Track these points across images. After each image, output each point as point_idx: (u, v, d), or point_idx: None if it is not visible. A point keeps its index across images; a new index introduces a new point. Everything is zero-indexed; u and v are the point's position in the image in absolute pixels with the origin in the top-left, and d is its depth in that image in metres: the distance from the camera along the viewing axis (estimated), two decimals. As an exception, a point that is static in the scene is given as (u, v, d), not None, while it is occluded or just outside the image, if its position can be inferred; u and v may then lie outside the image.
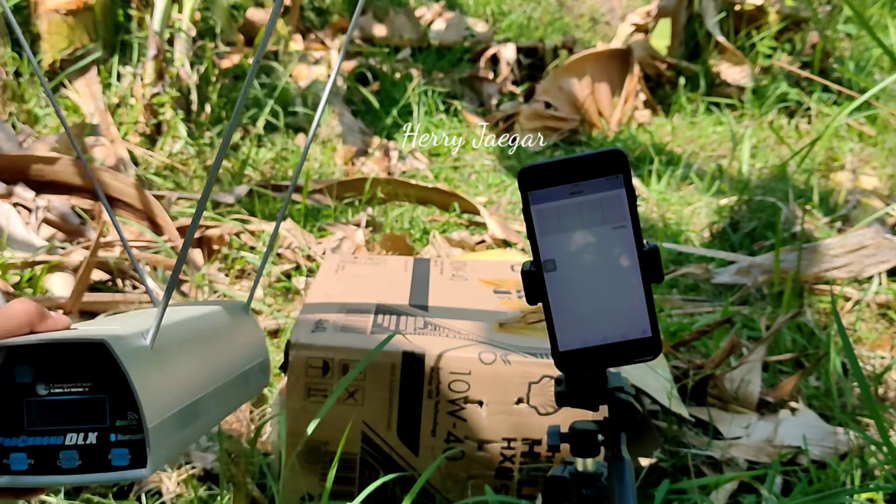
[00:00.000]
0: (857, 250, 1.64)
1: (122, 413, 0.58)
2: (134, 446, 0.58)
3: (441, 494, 1.05)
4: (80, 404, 0.59)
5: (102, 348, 0.56)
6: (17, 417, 0.59)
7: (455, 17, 2.84)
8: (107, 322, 0.65)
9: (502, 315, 1.14)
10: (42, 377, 0.59)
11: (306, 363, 1.02)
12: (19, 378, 0.59)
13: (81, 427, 0.59)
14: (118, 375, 0.57)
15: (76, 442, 0.59)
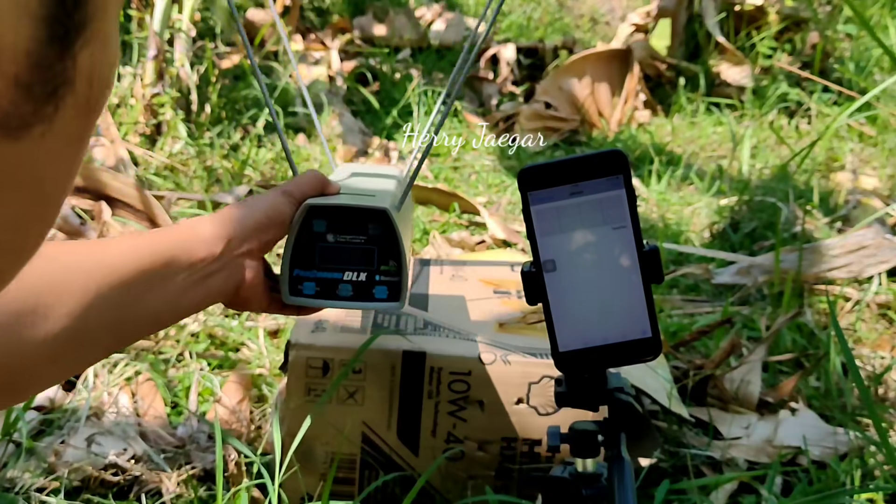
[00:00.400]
0: (857, 250, 1.64)
1: (385, 260, 0.79)
2: (392, 286, 0.79)
3: (441, 495, 1.05)
4: (356, 251, 0.79)
5: (381, 214, 0.77)
6: (311, 257, 0.78)
7: (455, 17, 2.84)
8: (361, 186, 0.84)
9: (503, 315, 1.14)
10: (332, 229, 0.78)
11: (306, 363, 1.02)
12: (316, 228, 0.78)
13: (356, 268, 0.79)
14: (387, 233, 0.78)
15: (351, 278, 0.79)
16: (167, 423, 1.18)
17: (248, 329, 1.38)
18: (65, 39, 0.30)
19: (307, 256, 0.78)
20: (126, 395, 1.20)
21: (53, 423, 1.14)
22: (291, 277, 0.79)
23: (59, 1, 0.30)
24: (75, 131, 0.33)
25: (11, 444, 1.09)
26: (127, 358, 1.26)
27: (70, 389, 1.20)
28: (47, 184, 0.33)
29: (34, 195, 0.33)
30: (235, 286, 0.75)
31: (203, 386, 1.24)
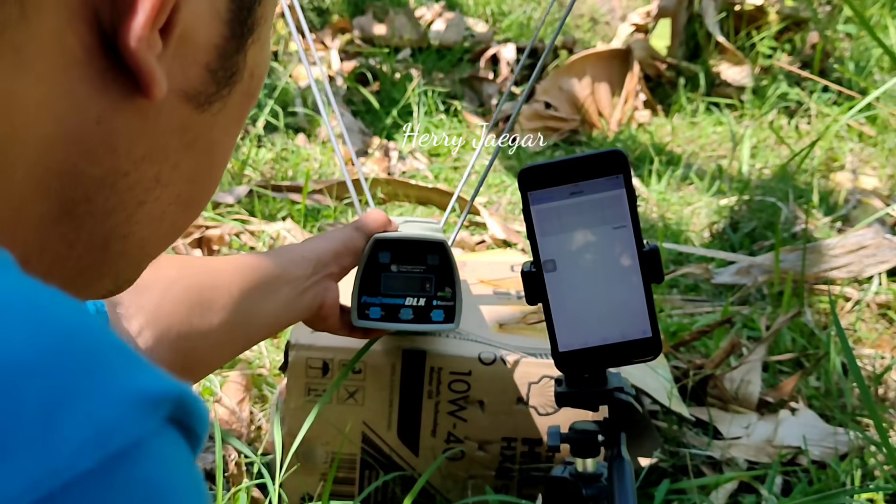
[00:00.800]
0: (857, 250, 1.64)
1: (441, 287, 0.89)
2: (447, 309, 0.89)
3: (441, 494, 1.05)
4: (416, 279, 0.89)
5: (439, 245, 0.88)
6: (377, 285, 0.89)
7: (455, 17, 2.84)
8: (416, 226, 0.95)
9: (503, 315, 1.14)
10: (395, 260, 0.89)
11: (306, 364, 1.02)
12: (381, 259, 0.89)
13: (415, 294, 0.89)
14: (444, 263, 0.88)
15: (412, 303, 0.89)
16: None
17: (248, 329, 1.38)
18: (241, 38, 0.40)
19: (373, 284, 0.89)
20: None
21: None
22: (359, 303, 0.89)
23: (238, 9, 0.39)
24: (238, 113, 0.43)
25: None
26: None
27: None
28: (216, 149, 0.43)
29: (208, 156, 0.43)
30: (319, 305, 0.87)
31: (203, 386, 1.24)
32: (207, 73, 0.39)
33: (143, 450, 0.27)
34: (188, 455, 0.30)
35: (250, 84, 0.43)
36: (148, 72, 0.36)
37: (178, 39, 0.37)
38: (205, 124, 0.41)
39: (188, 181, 0.42)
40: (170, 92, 0.38)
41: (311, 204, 1.83)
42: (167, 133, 0.40)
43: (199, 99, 0.40)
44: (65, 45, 0.35)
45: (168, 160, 0.40)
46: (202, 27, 0.38)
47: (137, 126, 0.38)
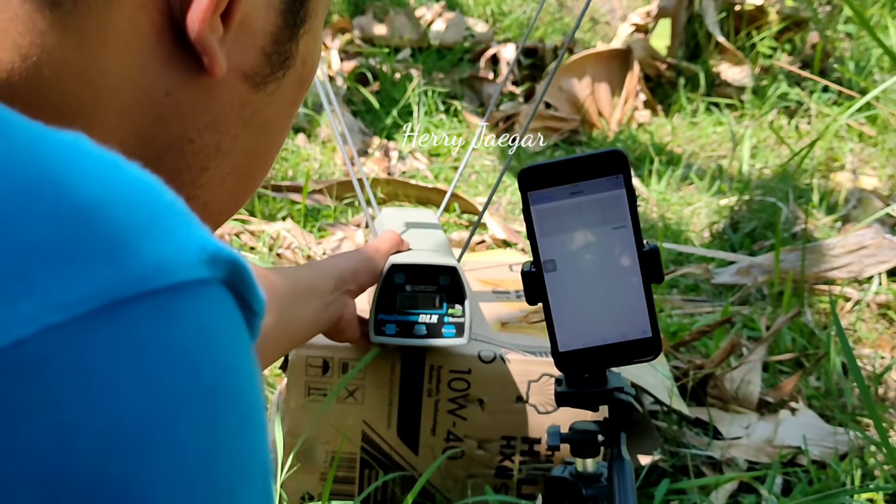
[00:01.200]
0: (857, 250, 1.64)
1: (452, 305, 0.95)
2: (458, 325, 0.95)
3: (441, 493, 1.05)
4: (428, 298, 0.95)
5: (452, 269, 0.94)
6: (392, 303, 0.95)
7: (455, 17, 2.84)
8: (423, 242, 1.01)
9: (502, 315, 1.14)
10: (409, 280, 0.95)
11: (306, 362, 1.02)
12: (396, 280, 0.95)
13: (428, 311, 0.95)
14: (454, 283, 0.94)
15: (425, 320, 0.95)
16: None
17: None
18: (293, 27, 0.45)
19: (389, 303, 0.95)
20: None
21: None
22: (376, 321, 0.95)
23: (291, 2, 0.45)
24: (292, 97, 0.48)
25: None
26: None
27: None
28: (272, 127, 0.48)
29: (264, 132, 0.48)
30: (338, 318, 0.94)
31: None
32: (263, 56, 0.45)
33: (201, 291, 0.31)
34: (240, 319, 0.33)
35: (303, 71, 0.48)
36: (210, 52, 0.41)
37: (237, 25, 0.42)
38: (261, 102, 0.46)
39: (246, 153, 0.47)
40: (229, 71, 0.43)
41: (311, 204, 1.83)
42: (227, 107, 0.45)
43: (255, 79, 0.45)
44: (140, 27, 0.40)
45: (228, 132, 0.45)
46: (259, 16, 0.43)
47: (201, 99, 0.43)
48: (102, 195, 0.30)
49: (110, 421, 0.28)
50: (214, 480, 0.31)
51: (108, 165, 0.32)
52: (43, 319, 0.27)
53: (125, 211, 0.30)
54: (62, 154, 0.31)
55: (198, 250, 0.31)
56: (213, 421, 0.31)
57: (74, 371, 0.28)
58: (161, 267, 0.30)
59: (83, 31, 0.39)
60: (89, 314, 0.28)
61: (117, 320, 0.29)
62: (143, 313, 0.29)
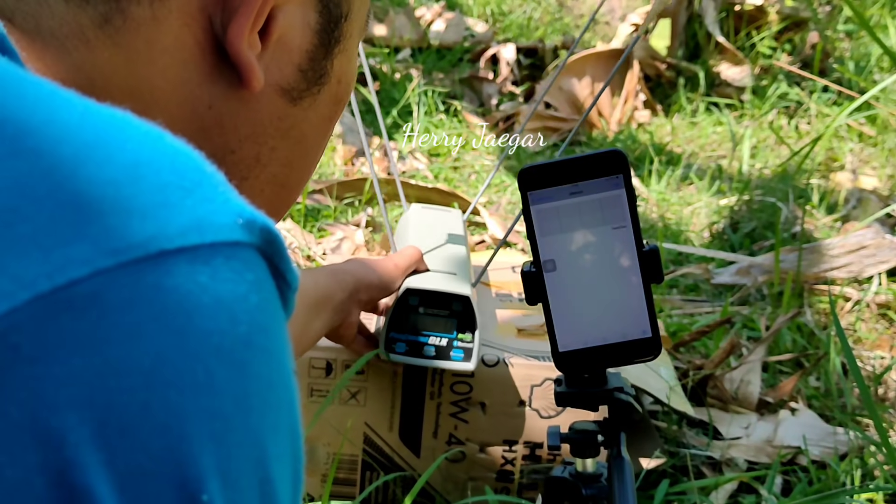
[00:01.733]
0: (857, 250, 1.64)
1: (462, 330, 0.96)
2: (466, 351, 0.96)
3: (441, 496, 1.05)
4: (440, 321, 0.96)
5: (464, 298, 0.95)
6: (405, 323, 0.97)
7: (455, 17, 2.84)
8: (444, 261, 1.02)
9: (514, 319, 1.14)
10: (423, 303, 0.96)
11: (309, 364, 1.02)
12: (410, 301, 0.97)
13: (438, 335, 0.96)
14: (466, 311, 0.96)
15: (434, 343, 0.96)
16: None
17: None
18: (328, 46, 0.48)
19: (401, 322, 0.96)
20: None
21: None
22: (388, 337, 0.96)
23: (326, 23, 0.47)
24: (328, 113, 0.50)
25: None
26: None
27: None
28: (308, 141, 0.50)
29: (300, 145, 0.50)
30: (341, 322, 0.96)
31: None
32: (300, 72, 0.47)
33: (237, 252, 0.32)
34: (273, 287, 0.34)
35: (338, 89, 0.50)
36: (248, 67, 0.44)
37: (275, 42, 0.45)
38: (297, 116, 0.48)
39: (283, 164, 0.50)
40: (267, 85, 0.45)
41: (311, 204, 1.83)
42: (266, 120, 0.47)
43: (292, 93, 0.47)
44: (185, 43, 0.43)
45: (266, 143, 0.48)
46: (296, 34, 0.46)
47: (241, 112, 0.46)
48: (149, 159, 0.33)
49: (153, 360, 0.30)
50: (247, 428, 0.32)
51: (155, 135, 0.34)
52: (96, 263, 0.30)
53: (170, 173, 0.33)
54: (114, 123, 0.34)
55: (234, 215, 0.33)
56: (247, 372, 0.32)
57: (123, 311, 0.30)
58: (200, 225, 0.32)
59: (132, 46, 0.42)
60: (136, 260, 0.30)
61: (161, 269, 0.31)
62: (183, 265, 0.31)
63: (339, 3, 0.48)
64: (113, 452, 0.29)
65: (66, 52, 0.41)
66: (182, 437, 0.30)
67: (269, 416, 0.33)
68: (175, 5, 0.42)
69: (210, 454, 0.31)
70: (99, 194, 0.31)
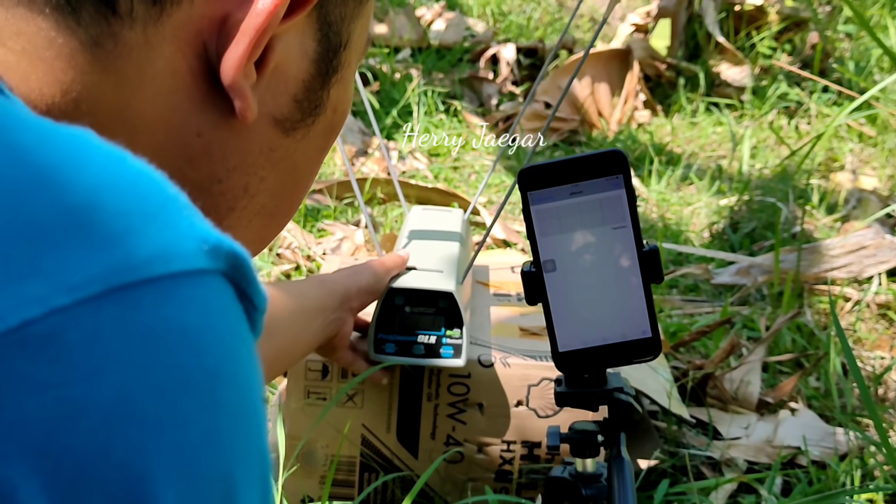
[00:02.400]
0: (857, 250, 1.64)
1: (450, 327, 0.96)
2: (456, 347, 0.96)
3: (440, 497, 1.05)
4: (427, 319, 0.96)
5: (447, 294, 0.95)
6: (392, 323, 0.96)
7: (455, 17, 2.84)
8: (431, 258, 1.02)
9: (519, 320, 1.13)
10: (409, 303, 0.96)
11: (305, 366, 1.02)
12: (396, 301, 0.96)
13: (427, 332, 0.96)
14: (452, 307, 0.95)
15: (423, 341, 0.96)
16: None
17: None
18: (325, 76, 0.46)
19: (389, 323, 0.96)
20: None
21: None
22: (376, 339, 0.96)
23: (324, 52, 0.45)
24: (321, 143, 0.49)
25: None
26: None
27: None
28: (299, 171, 0.49)
29: (291, 175, 0.48)
30: (334, 335, 0.95)
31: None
32: (294, 103, 0.45)
33: (202, 280, 0.32)
34: (240, 312, 0.34)
35: (333, 119, 0.49)
36: (242, 97, 0.42)
37: (270, 72, 0.43)
38: (290, 147, 0.47)
39: (273, 195, 0.48)
40: (260, 115, 0.44)
41: (311, 204, 1.83)
42: (256, 150, 0.45)
43: (285, 124, 0.45)
44: (177, 69, 0.41)
45: (256, 174, 0.46)
46: (293, 63, 0.44)
47: (231, 141, 0.44)
48: (110, 183, 0.31)
49: (115, 397, 0.29)
50: (215, 460, 0.31)
51: (116, 157, 0.33)
52: (52, 301, 0.28)
53: (131, 199, 0.31)
54: (72, 145, 0.32)
55: (199, 241, 0.32)
56: (215, 402, 0.31)
57: (82, 350, 0.29)
58: (164, 254, 0.31)
59: (122, 71, 0.40)
60: (96, 297, 0.29)
61: (122, 303, 0.29)
62: (147, 297, 0.30)
63: (338, 32, 0.46)
64: (66, 502, 0.28)
65: (52, 74, 0.39)
66: (144, 476, 0.29)
67: (238, 445, 0.33)
68: (169, 30, 0.40)
69: (174, 492, 0.30)
70: (56, 223, 0.30)
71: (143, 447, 0.29)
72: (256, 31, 0.40)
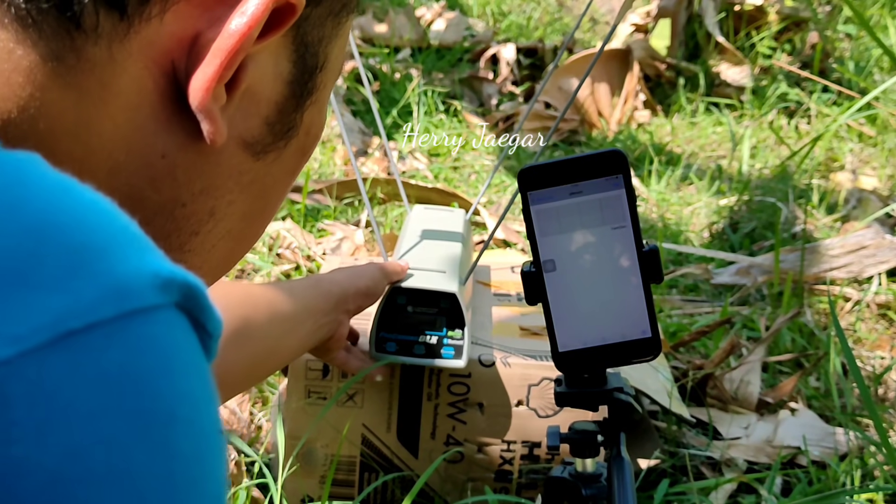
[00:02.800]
0: (857, 250, 1.64)
1: (452, 327, 0.96)
2: (457, 348, 0.96)
3: (440, 497, 1.05)
4: (429, 320, 0.96)
5: (450, 295, 0.95)
6: (394, 322, 0.96)
7: (455, 17, 2.84)
8: (435, 260, 1.01)
9: (518, 319, 1.13)
10: (411, 302, 0.96)
11: (306, 365, 1.02)
12: (398, 301, 0.96)
13: (428, 333, 0.96)
14: (454, 308, 0.95)
15: (425, 341, 0.96)
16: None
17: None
18: (300, 98, 0.44)
19: (391, 322, 0.96)
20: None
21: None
22: (378, 338, 0.96)
23: (300, 73, 0.43)
24: (292, 166, 0.47)
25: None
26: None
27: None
28: (269, 194, 0.47)
29: (261, 199, 0.47)
30: (329, 337, 0.92)
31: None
32: (266, 125, 0.44)
33: (155, 317, 0.30)
34: (195, 343, 0.33)
35: (305, 141, 0.47)
36: (211, 120, 0.40)
37: (242, 93, 0.41)
38: (260, 171, 0.45)
39: (240, 219, 0.46)
40: (230, 138, 0.42)
41: (311, 204, 1.83)
42: (224, 173, 0.44)
43: (255, 147, 0.44)
44: (143, 87, 0.39)
45: (223, 197, 0.44)
46: (266, 85, 0.42)
47: (198, 164, 0.42)
48: (55, 219, 0.30)
49: (61, 454, 0.27)
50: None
51: (62, 188, 0.31)
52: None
53: (77, 235, 0.30)
54: (13, 178, 0.30)
55: (151, 276, 0.30)
56: (170, 449, 0.30)
57: (26, 405, 0.27)
58: (114, 294, 0.29)
59: (83, 87, 0.38)
60: (42, 346, 0.27)
61: (70, 351, 0.28)
62: (96, 343, 0.28)
63: (315, 53, 0.44)
64: None
65: (9, 88, 0.37)
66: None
67: (195, 490, 0.31)
68: (136, 48, 0.38)
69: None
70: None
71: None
72: (228, 52, 0.38)
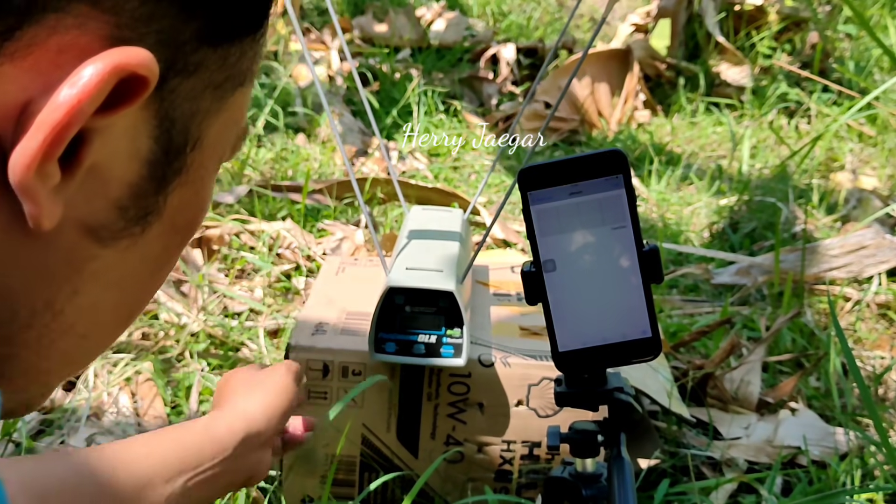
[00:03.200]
0: (857, 250, 1.64)
1: (451, 326, 0.96)
2: (456, 347, 0.96)
3: (440, 497, 1.05)
4: (428, 318, 0.96)
5: (448, 294, 0.94)
6: (393, 322, 0.96)
7: (455, 17, 2.84)
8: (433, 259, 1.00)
9: (520, 319, 1.13)
10: (409, 302, 0.96)
11: (306, 365, 1.02)
12: (396, 301, 0.96)
13: (427, 332, 0.96)
14: (452, 307, 0.95)
15: (424, 340, 0.96)
16: (167, 423, 1.18)
17: (248, 329, 1.38)
18: (162, 180, 0.38)
19: (389, 322, 0.96)
20: (126, 396, 1.20)
21: (53, 423, 1.14)
22: (377, 339, 0.96)
23: (164, 153, 0.38)
24: (160, 249, 0.41)
25: (11, 443, 1.09)
26: (127, 358, 1.26)
27: (70, 389, 1.20)
28: (129, 282, 0.41)
29: (114, 289, 0.41)
30: (247, 477, 0.73)
31: (203, 386, 1.23)
32: (117, 209, 0.38)
33: None
34: None
35: (174, 222, 0.41)
36: (33, 201, 0.34)
37: (85, 172, 0.35)
38: (111, 258, 0.39)
39: (88, 311, 0.40)
40: (68, 221, 0.36)
41: (311, 204, 1.83)
42: (62, 261, 0.38)
43: (100, 233, 0.38)
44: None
45: (62, 288, 0.38)
46: (117, 164, 0.36)
47: (27, 249, 0.36)
48: None
49: None
50: None
51: None
52: None
53: None
54: None
55: None
56: None
57: None
58: None
59: None
60: None
61: None
62: None
63: (184, 129, 0.38)
64: None
65: None
66: None
67: None
68: None
69: None
70: None
71: None
72: (53, 126, 0.33)
